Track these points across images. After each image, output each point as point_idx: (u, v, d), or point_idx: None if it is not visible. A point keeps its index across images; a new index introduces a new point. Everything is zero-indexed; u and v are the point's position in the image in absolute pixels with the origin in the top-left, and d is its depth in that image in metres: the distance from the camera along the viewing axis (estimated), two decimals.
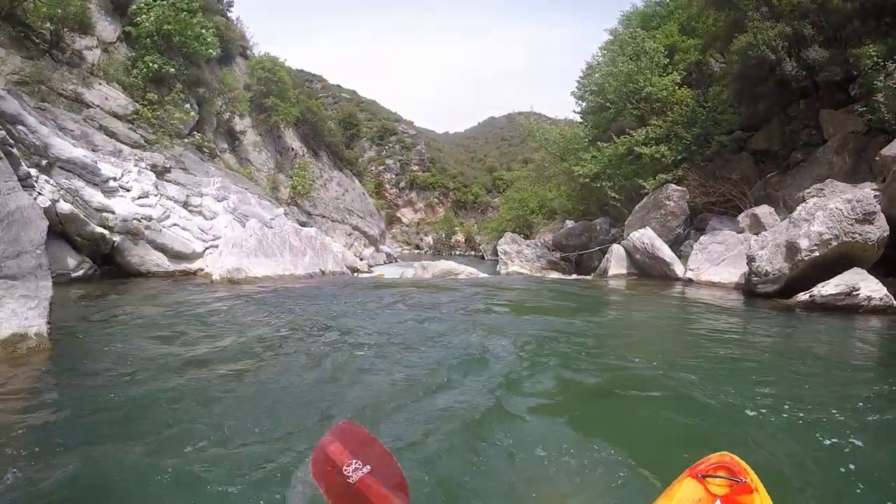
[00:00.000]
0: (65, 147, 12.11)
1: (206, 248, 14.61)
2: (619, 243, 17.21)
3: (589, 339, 6.82)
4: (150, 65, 18.59)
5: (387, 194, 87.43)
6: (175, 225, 14.36)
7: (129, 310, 8.74)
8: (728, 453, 2.00)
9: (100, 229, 12.07)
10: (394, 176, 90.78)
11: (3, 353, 5.05)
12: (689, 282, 13.96)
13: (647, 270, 15.81)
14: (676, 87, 19.09)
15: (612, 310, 10.40)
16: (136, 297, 10.02)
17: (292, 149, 34.31)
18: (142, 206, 13.53)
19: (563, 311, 9.59)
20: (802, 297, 9.52)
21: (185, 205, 15.74)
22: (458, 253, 71.55)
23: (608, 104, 20.50)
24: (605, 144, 19.92)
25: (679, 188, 17.39)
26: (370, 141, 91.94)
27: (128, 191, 13.50)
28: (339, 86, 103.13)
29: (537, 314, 8.82)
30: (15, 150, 10.25)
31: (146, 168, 15.02)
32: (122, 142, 15.65)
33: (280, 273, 14.03)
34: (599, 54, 23.20)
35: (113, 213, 12.49)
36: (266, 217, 18.03)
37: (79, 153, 12.37)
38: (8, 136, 10.22)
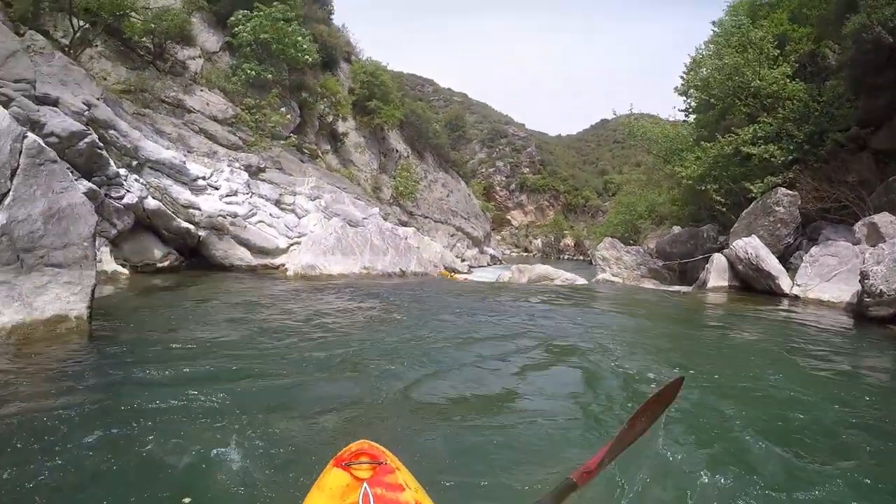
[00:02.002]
0: (155, 149, 12.92)
1: (291, 245, 15.11)
2: (723, 252, 15.87)
3: (654, 367, 6.13)
4: (248, 72, 19.44)
5: (497, 196, 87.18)
6: (261, 222, 14.97)
7: (191, 298, 9.27)
8: (366, 441, 2.11)
9: (185, 224, 12.80)
10: (504, 178, 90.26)
11: (45, 331, 5.60)
12: (795, 298, 12.57)
13: (750, 283, 14.47)
14: (787, 81, 17.29)
15: (699, 331, 9.43)
16: (205, 287, 10.55)
17: (396, 150, 34.87)
18: (229, 203, 14.21)
19: (637, 330, 8.86)
20: None
21: (278, 203, 16.33)
22: (566, 257, 70.09)
23: (713, 101, 19.01)
24: (709, 144, 18.44)
25: (790, 192, 15.78)
26: (480, 143, 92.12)
27: (216, 189, 14.17)
28: (449, 89, 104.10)
29: (604, 330, 8.18)
30: (104, 152, 11.15)
31: (240, 168, 15.68)
32: (219, 143, 16.39)
33: (356, 271, 14.35)
34: (704, 48, 21.68)
35: (199, 209, 13.23)
36: (358, 216, 18.38)
37: (168, 154, 13.14)
38: (98, 140, 11.21)
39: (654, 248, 22.71)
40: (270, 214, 15.51)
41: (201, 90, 18.10)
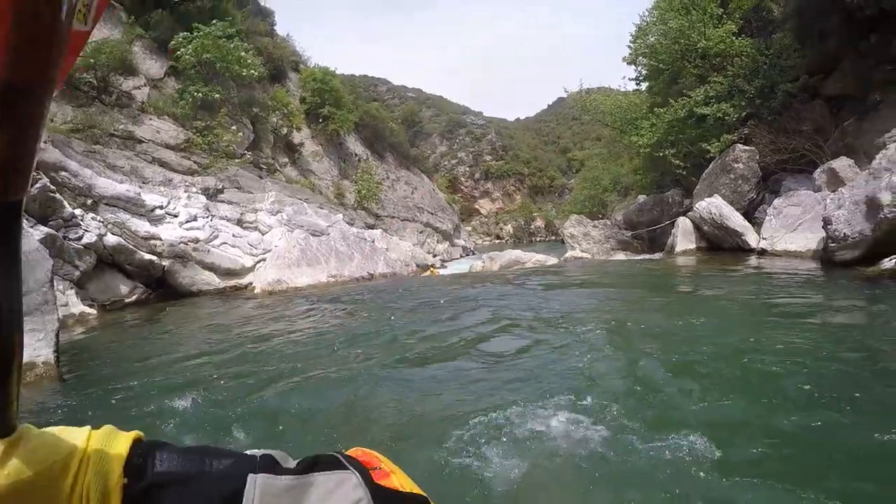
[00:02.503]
0: (108, 185, 12.71)
1: (257, 262, 14.95)
2: (687, 215, 16.02)
3: (633, 334, 6.15)
4: (195, 94, 19.05)
5: (462, 187, 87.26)
6: (224, 244, 14.82)
7: (160, 329, 9.25)
8: (360, 448, 1.80)
9: (148, 256, 12.61)
10: (467, 168, 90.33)
11: None
12: (763, 252, 12.74)
13: (717, 243, 14.64)
14: (734, 38, 17.46)
15: (671, 295, 9.49)
16: (173, 316, 10.50)
17: (355, 154, 34.60)
18: (189, 229, 14.01)
19: (610, 300, 8.87)
20: (888, 263, 8.33)
21: (240, 222, 16.12)
22: (538, 239, 70.63)
23: (662, 66, 19.16)
24: (663, 110, 18.58)
25: (747, 148, 15.99)
26: (440, 136, 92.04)
27: (175, 217, 13.97)
28: (403, 86, 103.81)
29: (574, 307, 8.17)
30: (57, 195, 10.92)
31: (197, 192, 15.44)
32: (174, 170, 16.09)
33: (323, 280, 14.31)
34: (648, 14, 21.84)
35: (160, 239, 13.06)
36: (322, 225, 18.21)
37: (122, 188, 12.92)
38: (49, 183, 10.94)
39: (622, 219, 22.87)
40: (234, 235, 15.28)
41: (150, 119, 17.70)
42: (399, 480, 1.72)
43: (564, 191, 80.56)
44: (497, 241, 73.84)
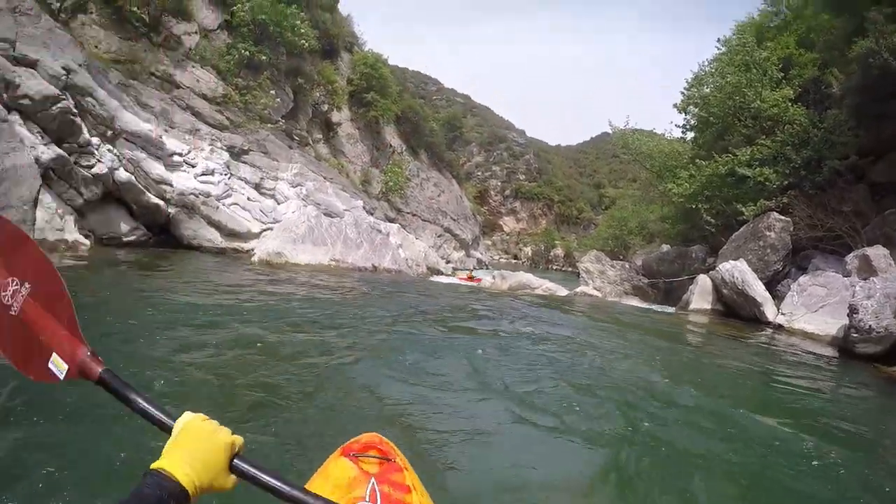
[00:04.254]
0: (132, 120, 12.44)
1: (264, 230, 14.63)
2: (708, 274, 15.51)
3: (619, 379, 5.74)
4: (243, 52, 18.89)
5: (490, 201, 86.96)
6: (235, 204, 14.53)
7: (149, 278, 8.78)
8: (376, 434, 2.03)
9: (156, 199, 12.37)
10: (499, 183, 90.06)
11: None
12: (779, 328, 12.20)
13: (734, 309, 14.11)
14: (789, 104, 16.98)
15: (674, 352, 9.03)
16: (166, 267, 10.13)
17: (391, 145, 34.44)
18: (203, 182, 13.75)
19: (609, 343, 8.45)
20: None
21: (258, 187, 15.88)
22: (555, 267, 69.97)
23: (712, 119, 18.68)
24: (704, 163, 18.10)
25: (783, 218, 15.44)
26: (479, 146, 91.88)
27: (192, 167, 13.71)
28: (453, 90, 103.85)
29: (572, 349, 7.76)
30: (77, 119, 10.77)
31: (222, 148, 15.21)
32: (204, 121, 15.89)
33: (324, 262, 13.93)
34: (707, 65, 21.38)
35: (171, 185, 12.80)
36: (339, 207, 17.92)
37: (145, 127, 12.66)
38: (74, 106, 10.83)
39: (641, 264, 22.35)
40: (248, 198, 15.04)
41: (193, 66, 17.56)
42: (411, 479, 1.73)
43: (591, 225, 79.93)
44: (514, 261, 73.45)
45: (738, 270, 13.76)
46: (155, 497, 0.80)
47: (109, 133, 11.72)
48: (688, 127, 21.73)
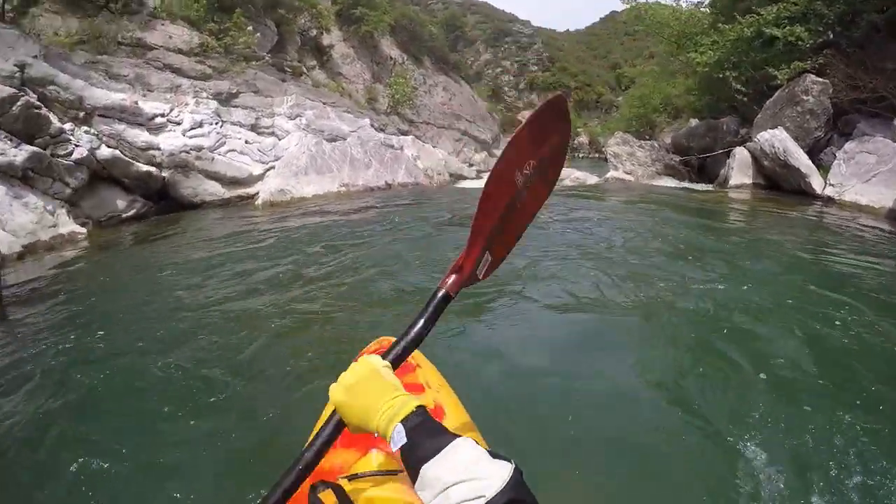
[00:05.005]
0: (102, 95, 11.83)
1: (267, 170, 14.00)
2: (746, 146, 14.34)
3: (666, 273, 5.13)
4: None
5: (506, 98, 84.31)
6: (232, 151, 13.93)
7: (139, 252, 8.34)
8: (385, 337, 2.03)
9: (146, 167, 11.77)
10: (512, 78, 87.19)
11: None
12: (829, 200, 11.22)
13: (776, 181, 13.08)
14: None
15: (720, 236, 8.09)
16: (166, 233, 9.62)
17: (391, 57, 32.76)
18: (193, 137, 13.07)
19: (649, 232, 7.69)
20: None
21: (254, 127, 15.16)
22: (581, 155, 68.22)
23: None
24: (727, 26, 16.39)
25: (820, 80, 14.01)
26: (484, 44, 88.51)
27: (178, 124, 12.99)
28: None
29: (616, 233, 7.10)
30: (42, 111, 10.33)
31: (208, 97, 14.37)
32: (186, 76, 14.91)
33: (333, 190, 13.57)
34: None
35: (159, 149, 12.16)
36: (345, 130, 17.34)
37: (117, 98, 12.00)
38: (37, 99, 10.47)
39: (671, 142, 21.07)
40: (246, 141, 14.34)
41: (162, 24, 16.26)
42: (425, 377, 1.75)
43: (612, 108, 77.14)
44: None
45: (778, 140, 12.63)
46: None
47: (81, 114, 11.14)
48: None
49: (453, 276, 1.26)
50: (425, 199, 12.17)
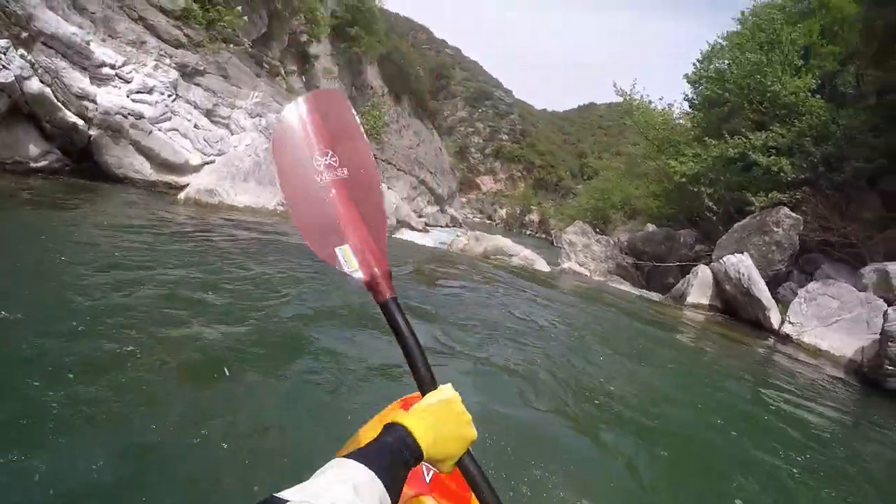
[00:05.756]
0: (52, 21, 9.98)
1: (206, 163, 12.06)
2: (708, 265, 13.98)
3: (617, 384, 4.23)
4: None
5: (470, 158, 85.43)
6: (174, 130, 11.91)
7: (32, 218, 6.70)
8: (409, 396, 2.01)
9: (73, 118, 10.00)
10: (481, 141, 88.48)
11: None
12: (786, 338, 10.77)
13: (734, 308, 12.66)
14: (809, 94, 15.44)
15: (677, 355, 7.47)
16: (67, 205, 7.86)
17: (371, 87, 32.14)
18: (137, 101, 11.26)
19: (604, 338, 6.88)
20: None
21: (210, 113, 13.59)
22: (528, 233, 68.82)
23: (726, 95, 16.89)
24: (714, 142, 16.36)
25: (793, 215, 13.94)
26: (464, 101, 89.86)
27: (127, 82, 11.32)
28: (444, 41, 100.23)
29: (570, 332, 6.18)
30: None
31: (170, 65, 12.88)
32: (158, 36, 13.55)
33: (269, 207, 11.74)
34: (724, 39, 19.58)
35: (95, 102, 10.34)
36: None
37: (68, 30, 10.19)
38: None
39: (626, 243, 20.83)
40: (196, 125, 12.63)
41: None
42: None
43: (569, 193, 78.57)
44: (487, 222, 72.35)
45: (744, 266, 12.27)
46: (398, 449, 0.84)
47: (24, 35, 9.42)
48: (696, 101, 19.81)
49: (378, 284, 1.18)
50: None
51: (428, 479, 1.44)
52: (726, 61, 17.58)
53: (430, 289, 7.78)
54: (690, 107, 20.68)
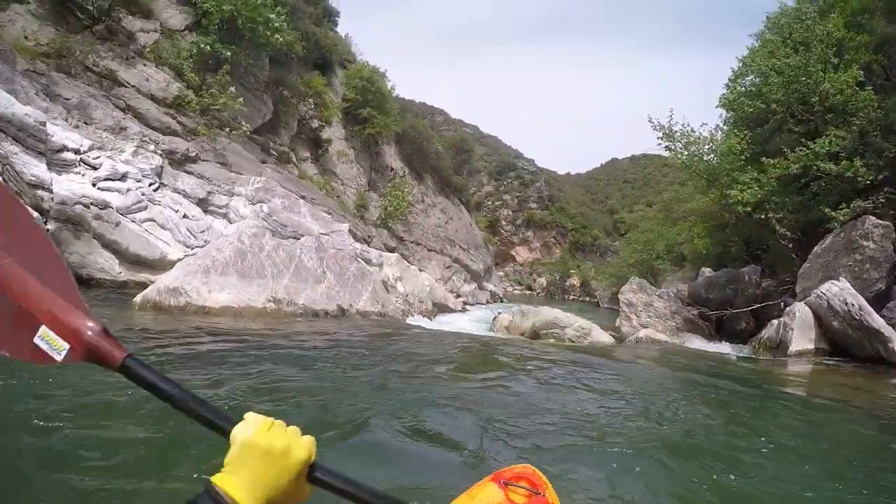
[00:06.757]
0: (6, 101, 8.84)
1: (188, 257, 10.30)
2: (804, 302, 11.65)
3: None
4: (201, 46, 15.59)
5: (502, 231, 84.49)
6: (151, 220, 10.37)
7: None
8: (531, 466, 2.02)
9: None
10: (510, 212, 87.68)
11: None
12: None
13: (846, 346, 10.41)
14: (857, 89, 13.65)
15: (817, 446, 5.38)
16: None
17: (391, 168, 31.20)
18: (104, 189, 9.83)
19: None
20: None
21: (204, 203, 12.30)
22: (571, 297, 66.46)
23: (774, 106, 14.97)
24: (773, 161, 14.35)
25: (882, 222, 11.91)
26: (488, 175, 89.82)
27: (94, 168, 10.01)
28: (461, 120, 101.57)
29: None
30: None
31: (155, 151, 11.69)
32: (147, 124, 12.59)
33: (257, 304, 9.33)
34: (749, 55, 18.01)
35: (50, 191, 8.93)
36: (314, 231, 14.00)
37: (22, 110, 9.01)
38: None
39: (687, 292, 18.60)
40: (185, 216, 11.16)
41: (145, 65, 14.35)
42: None
43: (607, 252, 76.65)
44: (528, 292, 70.34)
45: (850, 294, 10.12)
46: None
47: None
48: (736, 124, 17.66)
49: (100, 349, 0.91)
50: (399, 346, 8.43)
51: None
52: (762, 75, 15.82)
53: (481, 393, 5.74)
54: (729, 130, 18.51)
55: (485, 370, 7.14)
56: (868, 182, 12.57)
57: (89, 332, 0.91)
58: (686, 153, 17.50)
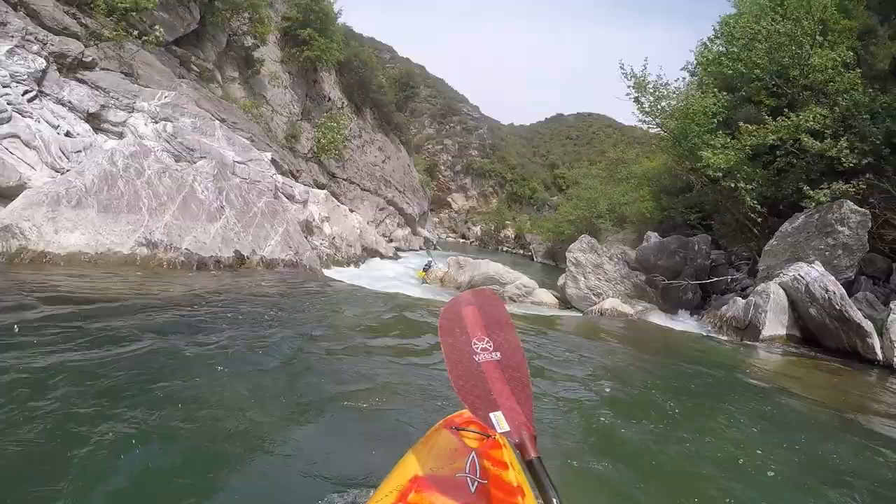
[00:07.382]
0: None
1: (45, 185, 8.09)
2: (777, 283, 10.66)
3: None
4: None
5: (440, 176, 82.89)
6: (12, 136, 8.01)
7: None
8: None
9: None
10: (450, 158, 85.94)
11: None
12: (893, 370, 7.83)
13: (816, 335, 9.54)
14: (843, 70, 12.65)
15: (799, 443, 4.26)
16: None
17: (329, 98, 28.80)
18: None
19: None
20: None
21: (96, 118, 10.11)
22: (505, 249, 65.92)
23: (757, 72, 13.77)
24: (752, 127, 13.18)
25: (860, 209, 11.06)
26: (431, 118, 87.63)
27: None
28: (408, 59, 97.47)
29: None
30: None
31: (39, 53, 9.43)
32: (39, 22, 10.18)
33: (123, 249, 7.30)
34: (732, 18, 16.79)
35: None
36: (227, 157, 12.10)
37: None
38: None
39: (634, 256, 17.62)
40: (68, 133, 8.99)
41: None
42: (509, 456, 1.75)
43: (544, 206, 76.06)
44: (461, 241, 69.53)
45: (830, 282, 9.18)
46: None
47: None
48: (711, 86, 16.29)
49: (524, 445, 1.51)
50: (310, 313, 6.82)
51: (473, 490, 1.47)
52: (749, 38, 14.52)
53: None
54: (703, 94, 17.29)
55: (417, 352, 5.70)
56: (851, 165, 11.60)
57: (524, 433, 1.51)
58: (658, 107, 16.13)
